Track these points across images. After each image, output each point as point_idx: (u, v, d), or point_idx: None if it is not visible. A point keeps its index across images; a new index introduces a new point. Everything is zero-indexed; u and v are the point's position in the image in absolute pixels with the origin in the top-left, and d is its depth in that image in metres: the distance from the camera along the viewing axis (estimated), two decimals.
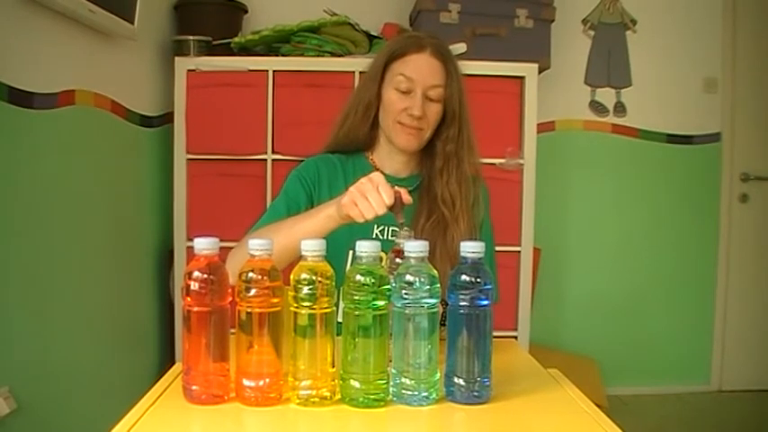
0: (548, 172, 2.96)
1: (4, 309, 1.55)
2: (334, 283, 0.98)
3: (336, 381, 0.99)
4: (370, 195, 1.15)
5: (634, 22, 3.31)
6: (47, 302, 1.74)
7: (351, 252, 1.37)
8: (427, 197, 1.46)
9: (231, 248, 1.30)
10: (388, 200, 1.14)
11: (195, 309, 0.97)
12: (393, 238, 1.42)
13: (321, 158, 1.54)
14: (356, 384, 0.97)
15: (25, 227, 1.64)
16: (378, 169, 1.52)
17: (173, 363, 1.39)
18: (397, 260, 1.09)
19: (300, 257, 0.99)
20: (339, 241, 1.18)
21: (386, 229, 1.45)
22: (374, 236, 1.44)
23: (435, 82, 1.42)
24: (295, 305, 0.96)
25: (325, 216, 1.23)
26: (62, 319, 1.82)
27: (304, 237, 1.11)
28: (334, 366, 0.99)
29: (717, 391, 3.41)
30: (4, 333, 1.54)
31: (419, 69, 1.42)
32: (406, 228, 1.17)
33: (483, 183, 1.56)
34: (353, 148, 1.54)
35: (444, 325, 1.02)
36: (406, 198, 1.19)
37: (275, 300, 0.97)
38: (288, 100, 2.60)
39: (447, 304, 1.00)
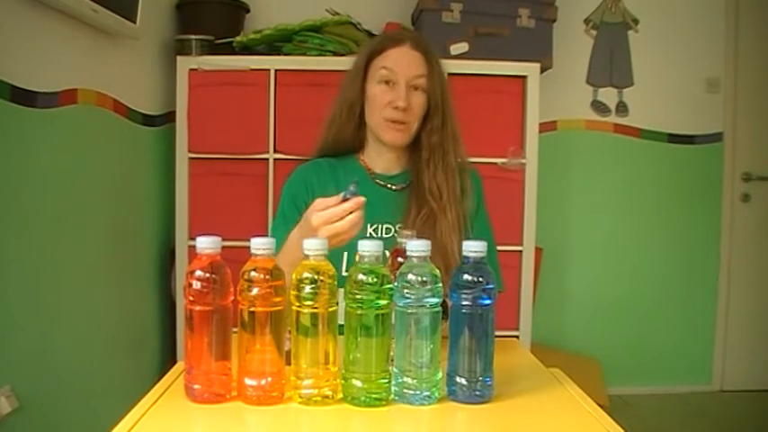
0: (549, 172, 2.95)
1: (6, 307, 1.55)
2: (336, 283, 0.98)
3: (338, 380, 0.99)
4: (338, 224, 1.12)
5: (636, 21, 3.31)
6: (48, 301, 1.74)
7: (345, 253, 1.36)
8: (416, 191, 1.46)
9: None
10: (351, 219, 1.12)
11: (197, 308, 0.97)
12: (387, 235, 1.44)
13: (311, 165, 1.54)
14: (358, 383, 0.97)
15: (27, 225, 1.64)
16: (369, 169, 1.53)
17: (174, 362, 1.39)
18: (399, 259, 1.09)
19: (303, 257, 0.99)
20: None
21: (380, 227, 1.45)
22: (368, 234, 1.44)
23: (417, 72, 1.43)
24: (297, 304, 0.96)
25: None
26: (64, 318, 1.82)
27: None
28: (335, 365, 0.99)
29: (718, 391, 3.40)
30: (6, 332, 1.55)
31: (400, 61, 1.43)
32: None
33: (474, 171, 1.56)
34: (343, 150, 1.55)
35: (446, 318, 1.01)
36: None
37: (277, 299, 0.97)
38: (290, 99, 2.60)
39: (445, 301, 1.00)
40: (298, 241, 1.20)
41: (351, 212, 1.12)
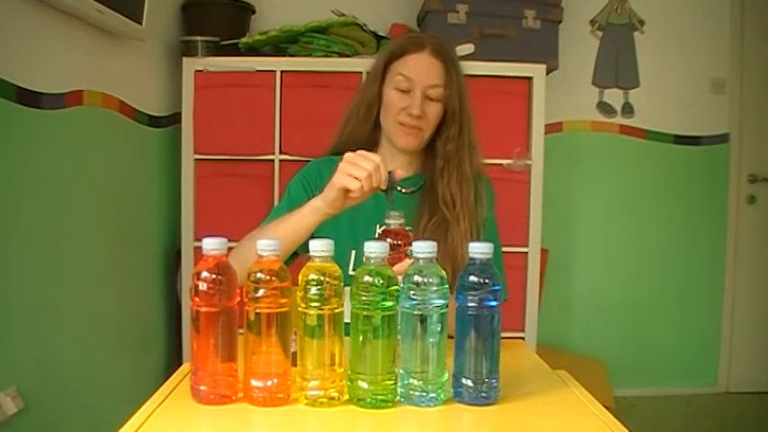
0: (555, 173, 2.95)
1: (11, 308, 1.55)
2: (342, 284, 0.98)
3: (344, 381, 0.99)
4: (361, 162, 1.17)
5: (642, 22, 3.30)
6: (54, 302, 1.74)
7: (353, 252, 1.37)
8: (429, 197, 1.46)
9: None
10: (376, 163, 1.16)
11: (203, 309, 0.97)
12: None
13: (324, 161, 1.54)
14: (364, 385, 0.97)
15: (32, 227, 1.64)
16: None
17: (180, 363, 1.39)
18: (389, 240, 1.10)
19: (308, 258, 0.99)
20: (341, 241, 1.18)
21: None
22: (377, 235, 1.43)
23: (434, 81, 1.42)
24: (303, 305, 0.96)
25: (310, 209, 1.24)
26: (69, 319, 1.83)
27: (291, 233, 1.20)
28: (341, 367, 0.99)
29: (724, 392, 3.40)
30: (11, 333, 1.55)
31: (418, 69, 1.42)
32: (394, 210, 1.20)
33: (487, 181, 1.55)
34: (357, 149, 1.54)
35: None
36: (399, 173, 1.22)
37: (283, 300, 0.97)
38: (295, 100, 2.60)
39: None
40: (317, 203, 1.25)
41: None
